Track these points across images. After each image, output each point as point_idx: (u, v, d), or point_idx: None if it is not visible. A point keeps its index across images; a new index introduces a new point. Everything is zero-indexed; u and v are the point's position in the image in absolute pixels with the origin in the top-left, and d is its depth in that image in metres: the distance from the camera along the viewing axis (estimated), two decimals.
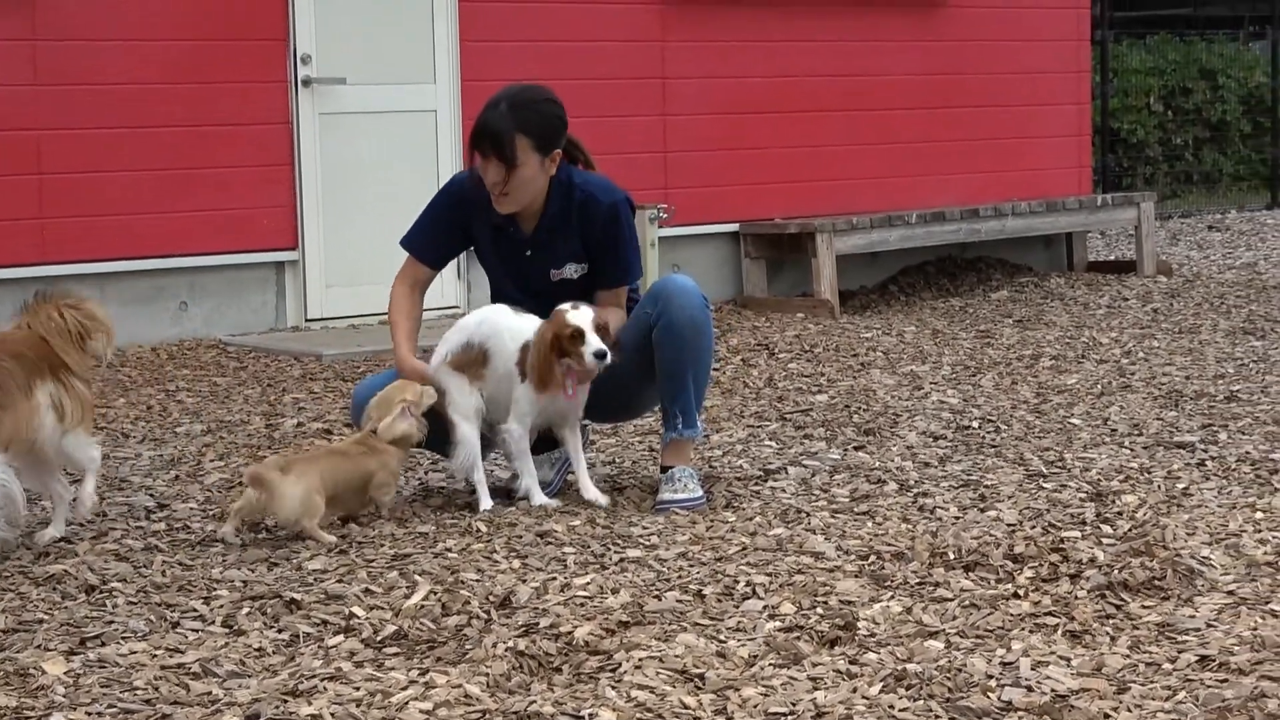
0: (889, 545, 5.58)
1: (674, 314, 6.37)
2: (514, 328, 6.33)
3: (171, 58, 10.32)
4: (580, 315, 6.19)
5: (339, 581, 5.32)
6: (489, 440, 6.43)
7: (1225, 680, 4.27)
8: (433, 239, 6.71)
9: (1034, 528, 5.76)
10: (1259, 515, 5.89)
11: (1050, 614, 4.84)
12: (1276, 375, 8.67)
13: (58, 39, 9.97)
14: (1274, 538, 5.58)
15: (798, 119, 12.60)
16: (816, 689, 4.28)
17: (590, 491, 6.32)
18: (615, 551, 5.65)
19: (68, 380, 5.82)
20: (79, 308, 6.02)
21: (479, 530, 5.94)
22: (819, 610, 4.89)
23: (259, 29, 10.59)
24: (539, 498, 6.27)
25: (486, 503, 6.27)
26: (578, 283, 6.54)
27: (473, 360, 6.34)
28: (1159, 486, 6.37)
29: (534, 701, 4.21)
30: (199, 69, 10.40)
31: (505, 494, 6.44)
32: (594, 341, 6.15)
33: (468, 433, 6.29)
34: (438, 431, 6.31)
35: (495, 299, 6.68)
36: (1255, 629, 4.65)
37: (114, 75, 10.16)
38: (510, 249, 6.51)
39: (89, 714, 4.23)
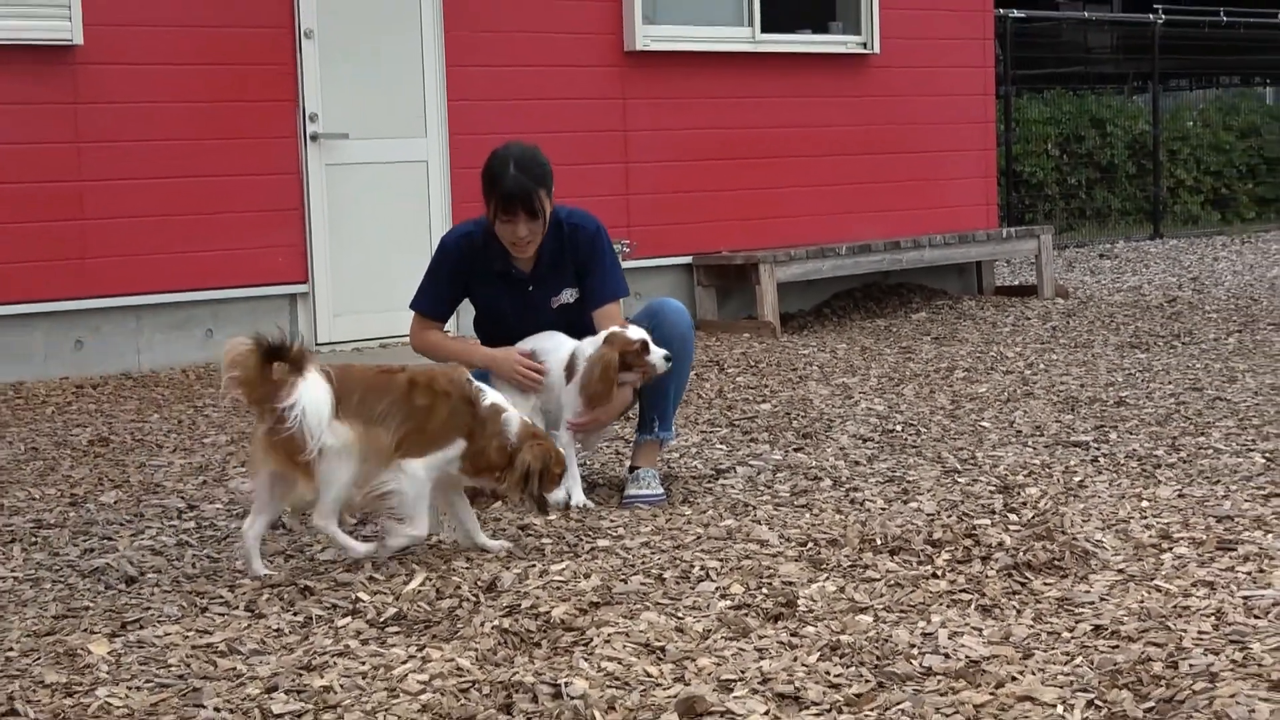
0: (824, 533, 5.60)
1: (667, 330, 6.42)
2: (564, 345, 6.39)
3: (197, 117, 10.31)
4: (636, 331, 6.29)
5: (346, 571, 5.33)
6: None
7: (1116, 646, 4.29)
8: (439, 300, 6.73)
9: (950, 517, 5.78)
10: (1144, 504, 5.92)
11: (964, 591, 4.86)
12: (1159, 383, 8.71)
13: (97, 102, 9.96)
14: (1158, 523, 5.61)
15: (742, 165, 12.62)
16: (762, 658, 4.29)
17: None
18: (587, 541, 5.67)
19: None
20: None
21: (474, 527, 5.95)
22: (764, 590, 4.91)
23: (273, 91, 10.58)
24: (579, 497, 6.25)
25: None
26: (574, 305, 6.56)
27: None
28: (1058, 480, 6.40)
29: (517, 672, 4.22)
30: (221, 126, 10.39)
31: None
32: (657, 350, 6.25)
33: None
34: None
35: (484, 327, 6.70)
36: (1142, 602, 4.67)
37: (146, 133, 10.14)
38: (515, 288, 6.50)
39: (130, 689, 4.23)
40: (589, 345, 6.31)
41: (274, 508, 5.46)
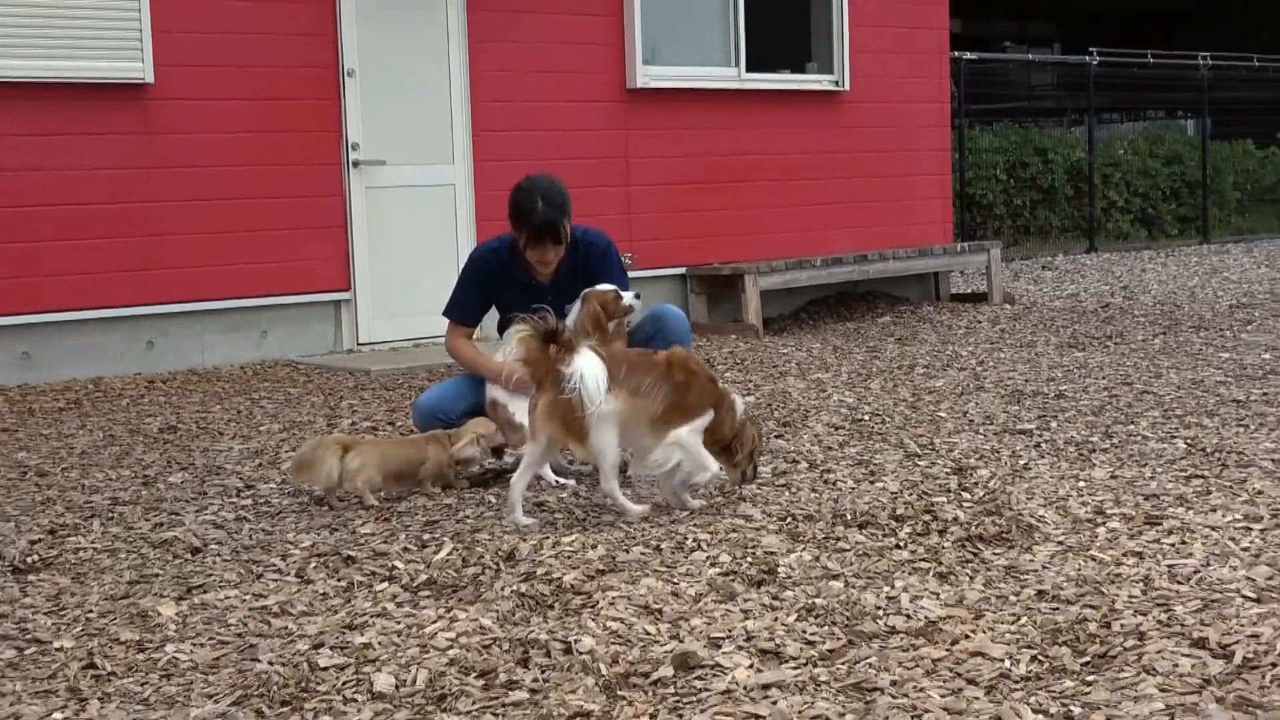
0: (801, 509, 5.60)
1: (669, 332, 6.52)
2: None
3: (253, 145, 10.31)
4: (608, 285, 6.43)
5: (384, 542, 5.34)
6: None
7: (1056, 608, 4.30)
8: (468, 308, 6.80)
9: (911, 495, 5.78)
10: (1081, 484, 5.92)
11: (924, 560, 4.86)
12: (1094, 379, 8.71)
13: (165, 132, 9.96)
14: (1092, 501, 5.61)
15: (730, 187, 12.61)
16: (747, 619, 4.30)
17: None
18: (593, 517, 5.67)
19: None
20: None
21: (490, 502, 5.96)
22: (748, 559, 4.91)
23: (319, 123, 10.58)
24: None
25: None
26: None
27: None
28: (1005, 463, 6.40)
29: (533, 631, 4.23)
30: (274, 153, 10.40)
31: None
32: (627, 294, 6.42)
33: None
34: None
35: (505, 330, 6.72)
36: (1079, 569, 4.68)
37: (208, 159, 10.15)
38: (536, 298, 6.48)
39: (194, 645, 4.24)
40: (572, 313, 6.37)
41: (542, 467, 5.82)
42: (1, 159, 9.44)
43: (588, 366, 5.36)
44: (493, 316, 6.87)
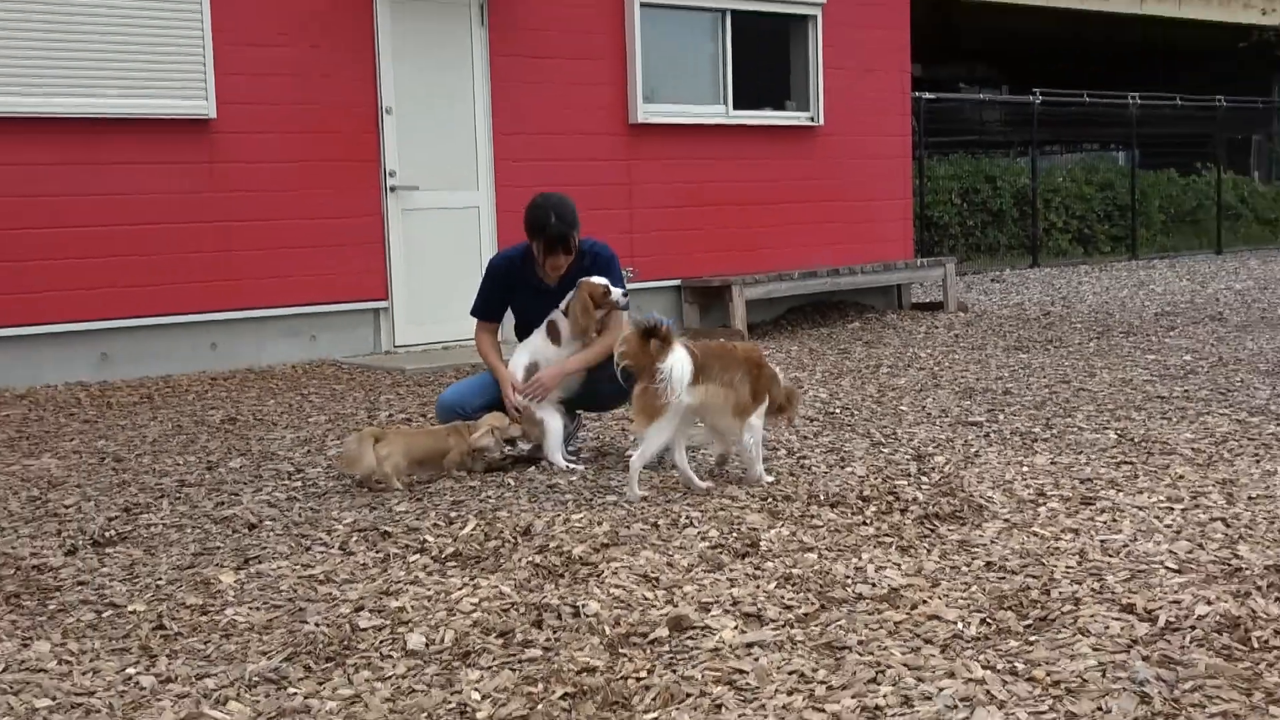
0: (780, 491, 5.61)
1: None
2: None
3: (303, 173, 10.32)
4: (599, 279, 6.46)
5: (416, 519, 5.35)
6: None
7: (1003, 577, 4.31)
8: (489, 307, 6.83)
9: (877, 479, 5.79)
10: (1025, 469, 5.93)
11: (887, 535, 4.88)
12: (1036, 377, 8.71)
13: (226, 161, 9.97)
14: (1034, 483, 5.62)
15: (719, 210, 12.61)
16: (733, 586, 4.31)
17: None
18: (599, 497, 5.68)
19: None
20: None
21: (509, 484, 5.96)
22: (734, 534, 4.92)
23: (362, 154, 10.59)
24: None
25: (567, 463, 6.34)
26: None
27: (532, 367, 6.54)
28: (959, 450, 6.41)
29: (545, 597, 4.24)
30: (322, 179, 10.40)
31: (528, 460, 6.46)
32: (615, 289, 6.45)
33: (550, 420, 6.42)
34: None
35: (521, 330, 6.72)
36: (1023, 544, 4.69)
37: (265, 185, 10.15)
38: (547, 300, 6.55)
39: (251, 609, 4.25)
40: (563, 304, 6.48)
41: (667, 447, 5.73)
42: (86, 185, 9.45)
43: (679, 363, 5.46)
44: (509, 320, 6.88)
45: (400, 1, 10.73)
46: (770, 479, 5.78)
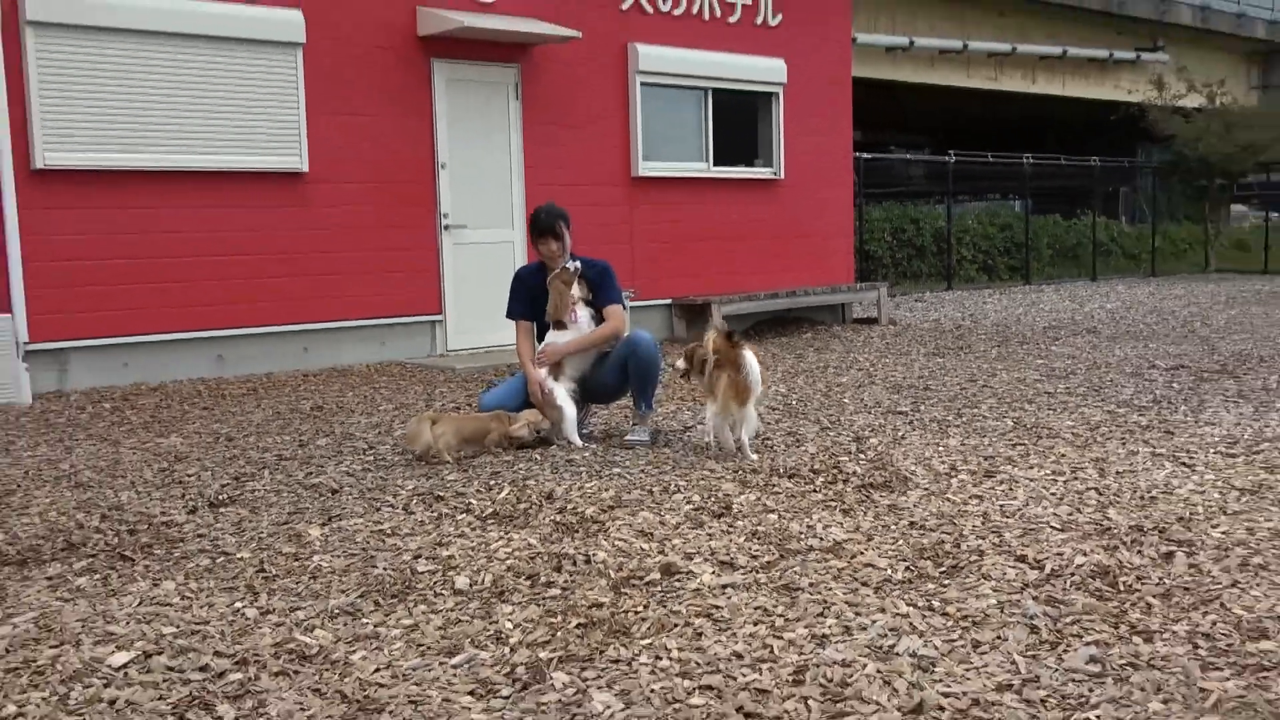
0: (749, 465, 5.59)
1: (640, 353, 6.42)
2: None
3: (377, 214, 10.29)
4: (571, 264, 6.47)
5: (463, 486, 5.33)
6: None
7: (923, 534, 4.30)
8: (519, 307, 6.73)
9: (824, 456, 5.78)
10: (940, 449, 5.92)
11: (832, 501, 4.86)
12: (950, 376, 8.70)
13: (315, 205, 9.95)
14: (948, 460, 5.61)
15: (702, 243, 12.59)
16: (711, 539, 4.30)
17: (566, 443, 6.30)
18: (606, 469, 5.65)
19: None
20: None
21: (536, 459, 5.95)
22: (712, 499, 4.91)
23: (422, 199, 10.57)
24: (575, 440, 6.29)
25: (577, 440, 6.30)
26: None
27: (557, 362, 6.44)
28: (889, 434, 6.39)
29: (564, 547, 4.23)
30: (391, 219, 10.37)
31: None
32: (573, 263, 6.47)
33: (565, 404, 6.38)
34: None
35: (542, 330, 6.70)
36: (939, 508, 4.68)
37: (348, 223, 10.13)
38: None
39: (332, 556, 4.24)
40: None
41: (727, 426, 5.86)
42: (210, 222, 9.43)
43: (751, 359, 5.75)
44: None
45: (453, 81, 10.72)
46: (754, 456, 5.77)
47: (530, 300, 6.72)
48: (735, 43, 12.85)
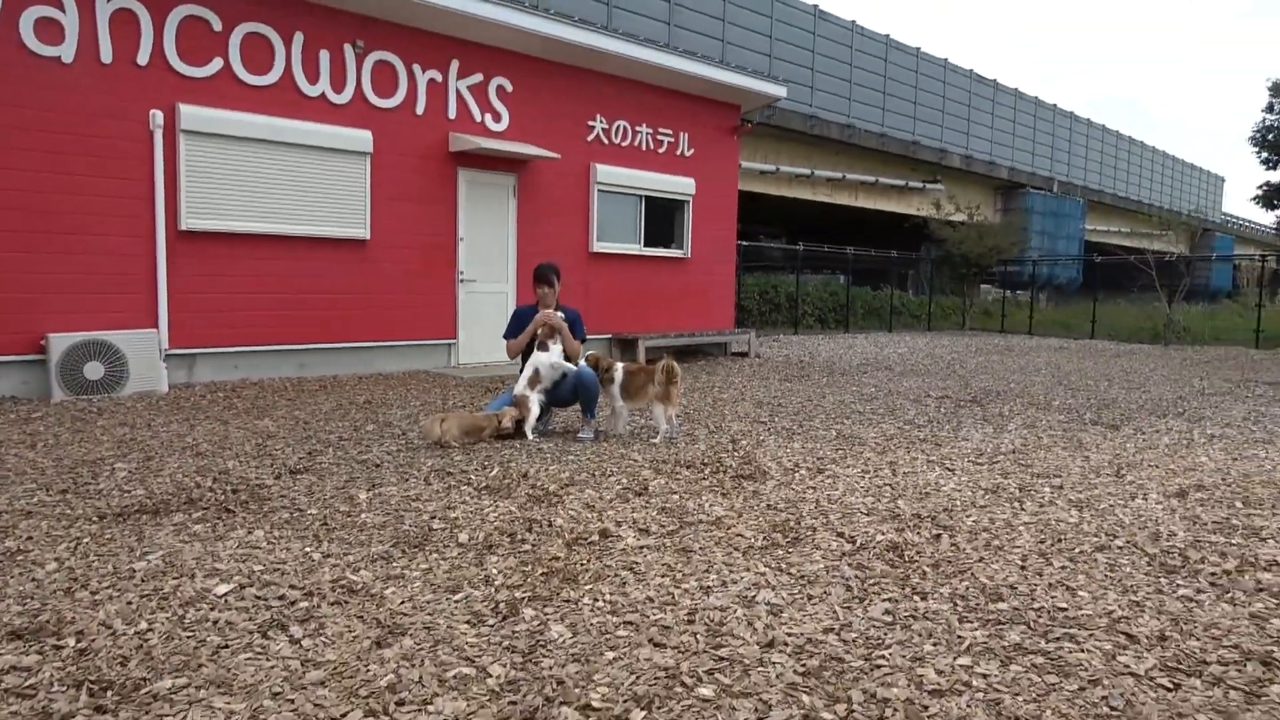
0: (660, 457, 5.53)
1: (585, 380, 6.32)
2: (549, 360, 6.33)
3: (417, 270, 10.09)
4: (556, 313, 6.33)
5: (465, 466, 5.21)
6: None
7: (776, 513, 4.27)
8: (514, 332, 6.51)
9: (710, 453, 5.74)
10: (788, 450, 5.91)
11: (715, 486, 4.82)
12: (796, 396, 8.71)
13: (374, 261, 9.73)
14: (792, 459, 5.58)
15: (635, 298, 12.54)
16: (634, 512, 4.23)
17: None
18: (564, 456, 5.55)
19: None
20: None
21: (517, 447, 5.83)
22: (635, 483, 4.84)
23: (446, 260, 10.38)
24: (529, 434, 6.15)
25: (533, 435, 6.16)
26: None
27: (532, 378, 6.25)
28: (754, 438, 6.37)
29: (534, 514, 4.14)
30: (425, 273, 10.18)
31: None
32: (556, 312, 6.33)
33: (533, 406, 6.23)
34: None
35: (526, 350, 6.57)
36: (786, 494, 4.65)
37: (395, 274, 9.92)
38: (545, 334, 6.39)
39: (374, 515, 4.12)
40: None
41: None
42: (298, 271, 9.19)
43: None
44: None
45: (471, 182, 10.56)
46: (660, 444, 5.70)
47: (523, 329, 6.62)
48: (662, 166, 12.85)
